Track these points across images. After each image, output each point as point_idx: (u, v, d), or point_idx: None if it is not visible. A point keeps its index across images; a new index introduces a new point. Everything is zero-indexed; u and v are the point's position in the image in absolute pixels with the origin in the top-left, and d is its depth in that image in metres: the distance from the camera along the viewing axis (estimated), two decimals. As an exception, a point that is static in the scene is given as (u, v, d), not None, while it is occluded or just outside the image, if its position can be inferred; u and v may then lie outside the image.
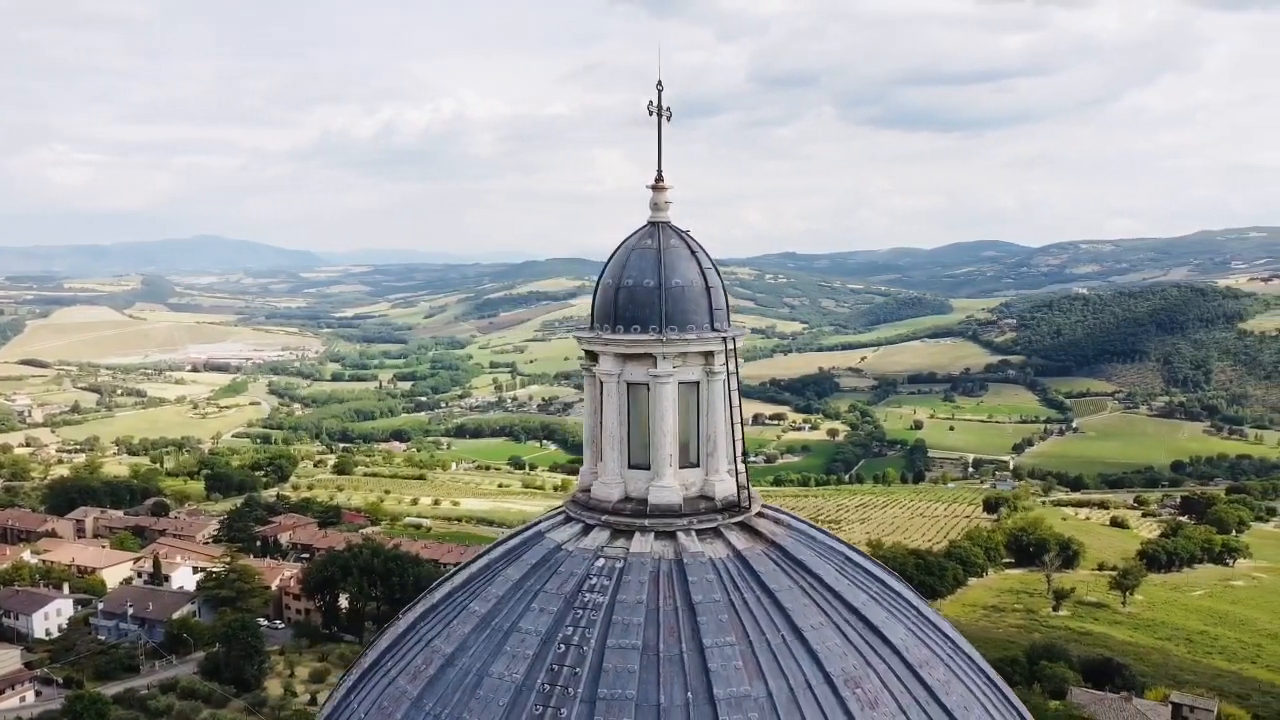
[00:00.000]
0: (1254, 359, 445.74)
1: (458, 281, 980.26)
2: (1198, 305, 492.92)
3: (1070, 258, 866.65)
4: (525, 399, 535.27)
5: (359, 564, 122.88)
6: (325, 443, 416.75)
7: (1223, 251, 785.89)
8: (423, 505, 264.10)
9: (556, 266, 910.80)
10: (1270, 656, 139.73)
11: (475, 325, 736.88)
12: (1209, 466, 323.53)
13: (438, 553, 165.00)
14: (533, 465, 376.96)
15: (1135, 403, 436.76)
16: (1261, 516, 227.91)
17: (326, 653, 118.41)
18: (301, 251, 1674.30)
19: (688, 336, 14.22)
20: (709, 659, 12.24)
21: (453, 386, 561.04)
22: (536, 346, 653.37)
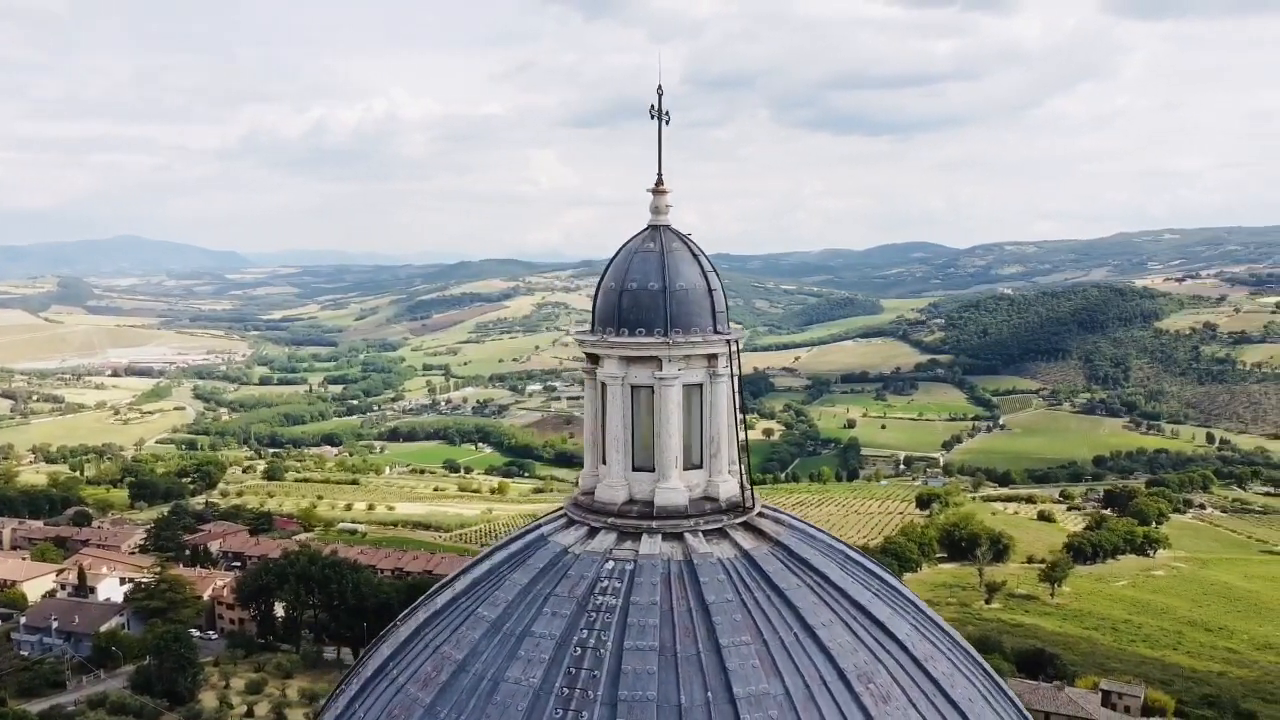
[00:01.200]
0: (1169, 357, 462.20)
1: (389, 283, 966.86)
2: (1117, 305, 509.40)
3: (996, 259, 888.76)
4: (460, 401, 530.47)
5: (296, 571, 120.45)
6: (254, 448, 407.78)
7: (1140, 253, 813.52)
8: (357, 510, 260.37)
9: (490, 267, 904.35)
10: (1190, 643, 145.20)
11: (407, 327, 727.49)
12: (1129, 461, 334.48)
13: (375, 558, 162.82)
14: (468, 468, 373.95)
15: (1059, 400, 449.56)
16: (1179, 508, 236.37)
17: (263, 663, 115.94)
18: (227, 252, 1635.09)
19: (693, 339, 14.32)
20: (726, 658, 12.37)
21: (385, 389, 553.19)
22: (470, 348, 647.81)
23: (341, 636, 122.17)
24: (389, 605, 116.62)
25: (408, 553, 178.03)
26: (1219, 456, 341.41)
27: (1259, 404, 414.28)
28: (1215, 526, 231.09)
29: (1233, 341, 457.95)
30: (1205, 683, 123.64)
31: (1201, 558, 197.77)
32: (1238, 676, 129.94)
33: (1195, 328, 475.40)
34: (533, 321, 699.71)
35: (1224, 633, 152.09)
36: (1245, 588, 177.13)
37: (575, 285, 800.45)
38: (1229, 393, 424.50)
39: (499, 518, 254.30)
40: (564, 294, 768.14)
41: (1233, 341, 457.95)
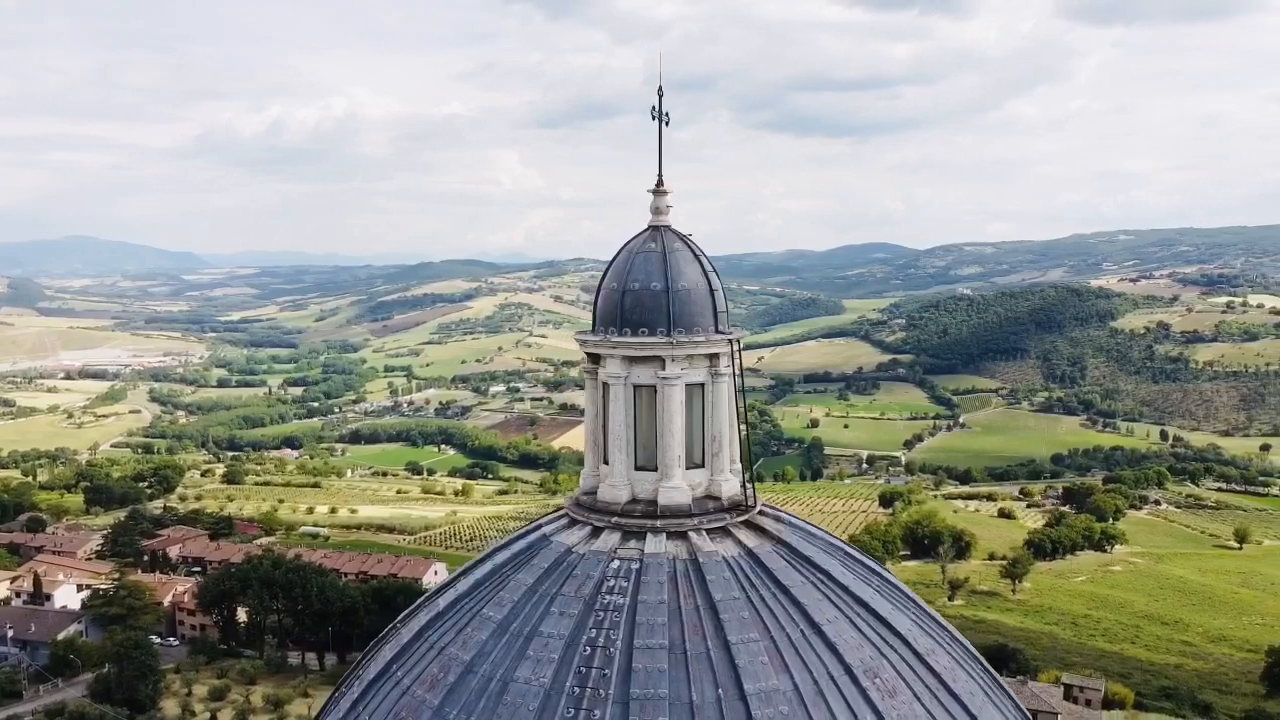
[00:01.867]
0: (1124, 356, 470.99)
1: (349, 283, 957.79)
2: (1073, 305, 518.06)
3: (955, 259, 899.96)
4: (422, 403, 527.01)
5: (259, 576, 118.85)
6: (212, 451, 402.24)
7: (1095, 254, 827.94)
8: (319, 514, 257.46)
9: (452, 268, 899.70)
10: (1148, 637, 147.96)
11: (368, 328, 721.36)
12: (1086, 458, 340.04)
13: (338, 562, 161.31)
14: (431, 470, 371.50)
15: (1017, 398, 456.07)
16: (1135, 505, 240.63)
17: (226, 669, 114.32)
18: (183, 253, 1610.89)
19: (696, 339, 14.40)
20: (736, 655, 12.46)
21: (346, 391, 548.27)
22: (433, 349, 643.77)
23: (306, 641, 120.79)
24: (355, 609, 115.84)
25: (372, 556, 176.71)
26: (1173, 453, 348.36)
27: (1210, 402, 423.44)
28: (1170, 522, 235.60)
29: (1185, 341, 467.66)
30: (1163, 675, 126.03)
31: (1157, 553, 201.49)
32: (1193, 669, 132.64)
33: (1149, 327, 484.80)
34: (495, 322, 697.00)
35: (1179, 626, 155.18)
36: (1199, 582, 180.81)
37: (538, 286, 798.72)
38: (1182, 391, 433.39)
39: (463, 520, 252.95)
40: (527, 295, 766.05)
41: (1185, 341, 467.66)
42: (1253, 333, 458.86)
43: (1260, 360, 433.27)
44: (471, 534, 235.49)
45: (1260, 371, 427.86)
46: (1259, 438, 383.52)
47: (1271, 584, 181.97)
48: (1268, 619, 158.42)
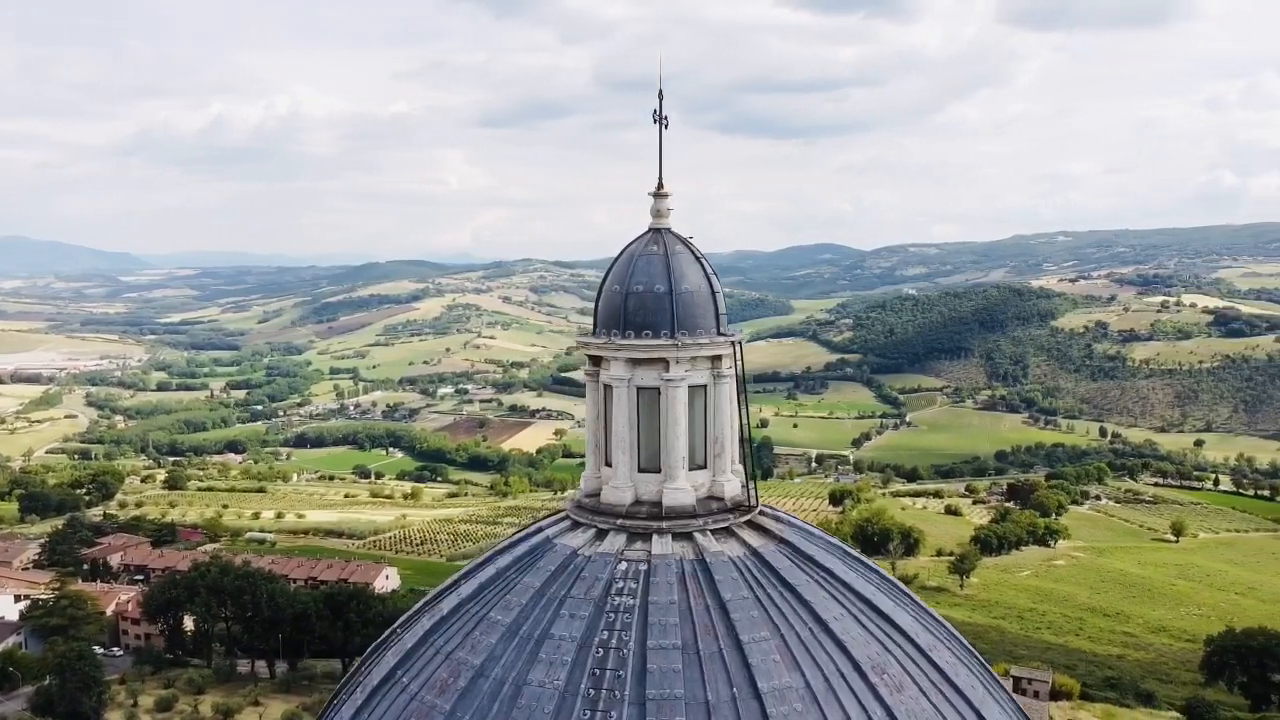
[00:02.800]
0: (1064, 354, 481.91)
1: (293, 285, 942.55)
2: (1015, 305, 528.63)
3: (900, 260, 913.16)
4: (369, 405, 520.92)
5: (207, 583, 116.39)
6: (153, 456, 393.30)
7: (1035, 254, 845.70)
8: (265, 519, 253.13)
9: (399, 269, 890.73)
10: (1091, 629, 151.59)
11: (313, 330, 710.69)
12: (1029, 455, 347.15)
13: (287, 568, 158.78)
14: (379, 474, 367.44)
15: (961, 397, 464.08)
16: (1077, 500, 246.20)
17: (173, 679, 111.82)
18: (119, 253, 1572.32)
19: (700, 341, 14.50)
20: (748, 654, 12.58)
21: (291, 394, 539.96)
22: (379, 351, 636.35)
23: (256, 649, 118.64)
24: (306, 616, 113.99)
25: (321, 561, 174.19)
26: (1111, 449, 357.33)
27: (1147, 399, 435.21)
28: (1110, 517, 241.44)
29: (1122, 339, 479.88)
30: (1106, 666, 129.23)
31: (1098, 547, 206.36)
32: (1135, 659, 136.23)
33: (1088, 326, 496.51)
34: (443, 323, 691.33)
35: (1121, 618, 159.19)
36: (1139, 574, 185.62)
37: (486, 287, 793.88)
38: (1119, 389, 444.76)
39: (413, 523, 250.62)
40: (475, 295, 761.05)
41: (1122, 339, 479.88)
42: (1186, 331, 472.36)
43: (1193, 358, 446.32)
44: (422, 537, 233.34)
45: (1193, 369, 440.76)
46: (1192, 433, 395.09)
47: (1207, 576, 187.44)
48: (1204, 610, 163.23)
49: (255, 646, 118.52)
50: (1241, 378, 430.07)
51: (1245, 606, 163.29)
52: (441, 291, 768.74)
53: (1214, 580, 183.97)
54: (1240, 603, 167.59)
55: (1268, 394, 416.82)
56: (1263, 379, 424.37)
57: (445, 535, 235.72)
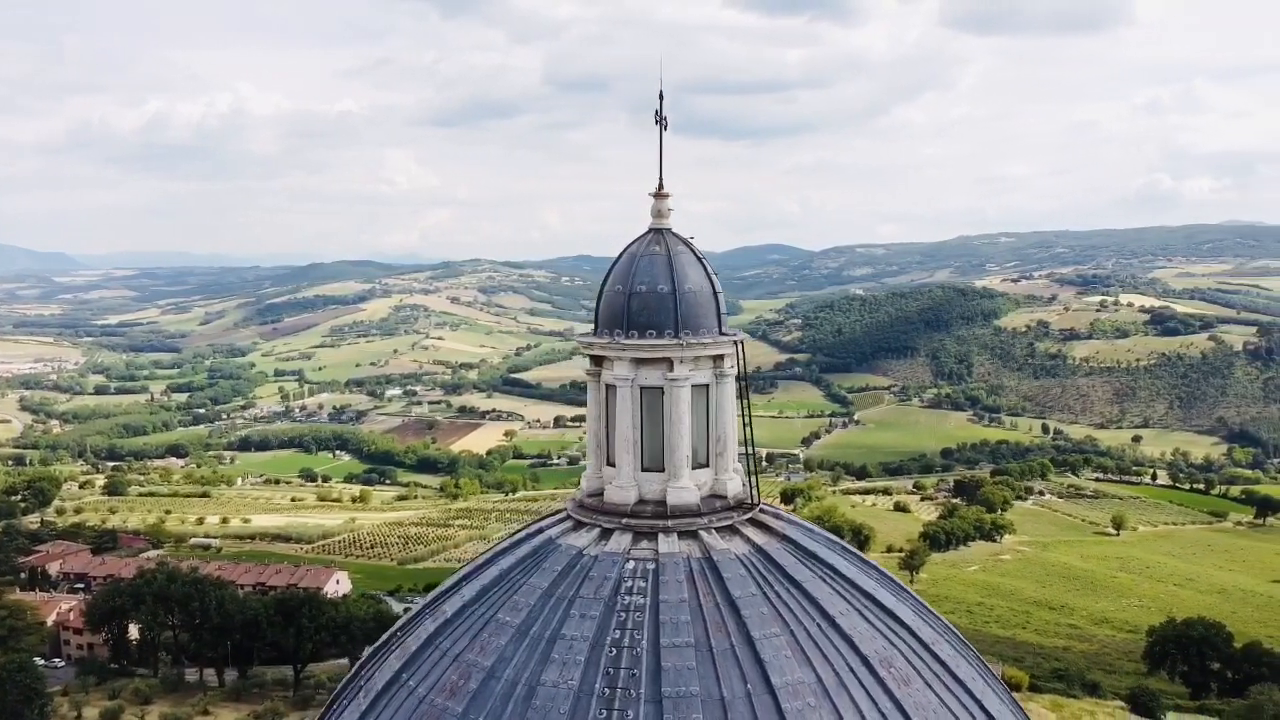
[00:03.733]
0: (1008, 353, 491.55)
1: (236, 285, 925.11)
2: (959, 305, 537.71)
3: (847, 261, 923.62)
4: (315, 408, 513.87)
5: (153, 591, 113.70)
6: (91, 462, 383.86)
7: (979, 255, 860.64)
8: (209, 524, 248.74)
9: (345, 269, 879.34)
10: (1038, 622, 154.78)
11: (257, 331, 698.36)
12: (974, 452, 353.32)
13: (233, 573, 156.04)
14: (326, 477, 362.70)
15: (908, 395, 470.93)
16: (1021, 496, 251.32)
17: (118, 689, 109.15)
18: (54, 254, 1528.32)
19: (704, 340, 14.60)
20: (760, 650, 12.69)
21: (234, 397, 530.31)
22: (325, 353, 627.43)
23: (204, 657, 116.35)
24: (257, 622, 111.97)
25: (270, 566, 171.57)
26: (1054, 446, 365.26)
27: (1087, 396, 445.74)
28: (1053, 511, 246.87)
29: (1063, 338, 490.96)
30: (1053, 658, 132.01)
31: (1043, 541, 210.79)
32: (1081, 650, 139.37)
33: (1030, 325, 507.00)
34: (390, 324, 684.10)
35: (1066, 610, 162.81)
36: (1082, 567, 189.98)
37: (434, 287, 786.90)
38: (1060, 386, 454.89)
39: (363, 527, 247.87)
40: (422, 296, 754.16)
41: (1063, 338, 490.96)
42: (1124, 330, 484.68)
43: (1131, 356, 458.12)
44: (372, 541, 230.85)
45: (1131, 367, 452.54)
46: (1130, 429, 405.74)
47: (1147, 568, 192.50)
48: (1144, 601, 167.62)
49: (204, 654, 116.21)
50: (1177, 375, 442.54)
51: (1183, 597, 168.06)
52: (389, 292, 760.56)
53: (1153, 572, 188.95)
54: (1179, 594, 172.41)
55: (1201, 391, 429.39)
56: (1197, 376, 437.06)
57: (396, 538, 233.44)
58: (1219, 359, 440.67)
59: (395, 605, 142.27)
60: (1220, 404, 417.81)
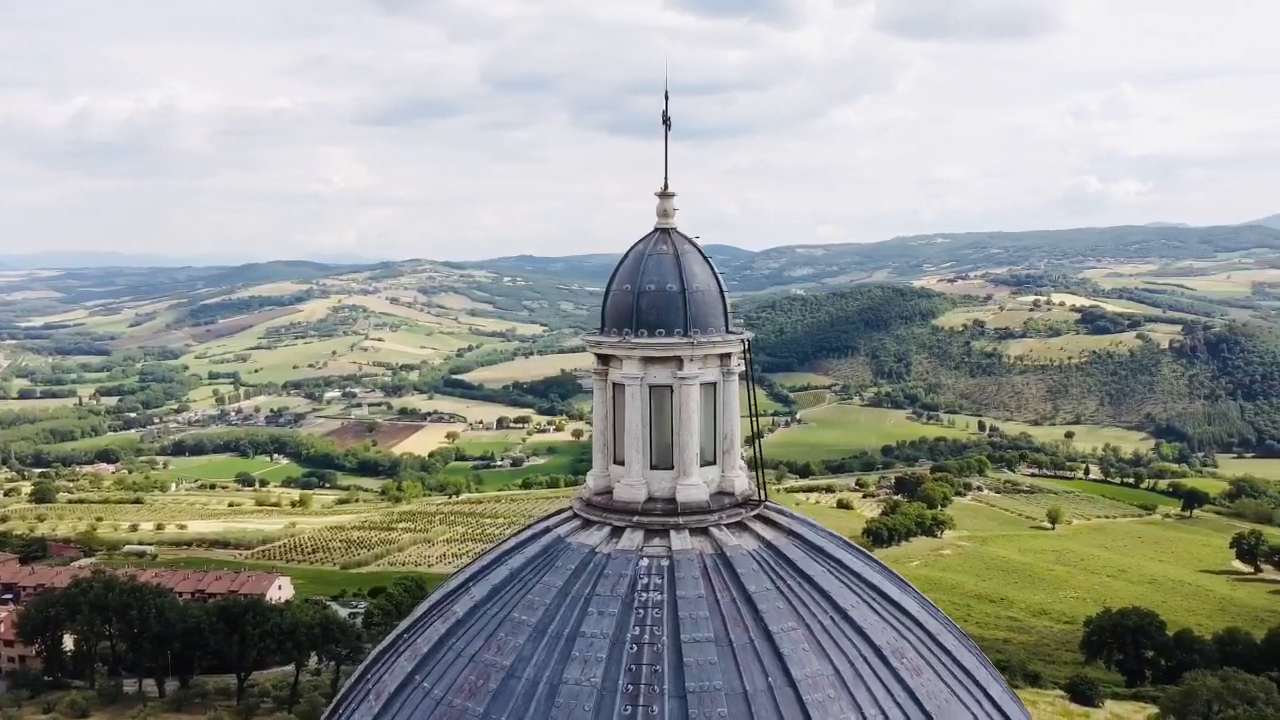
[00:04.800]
0: (944, 352, 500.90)
1: (168, 286, 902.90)
2: (898, 304, 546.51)
3: (788, 261, 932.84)
4: (251, 411, 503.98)
5: (90, 600, 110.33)
6: (16, 468, 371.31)
7: (916, 256, 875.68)
8: (144, 531, 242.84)
9: (280, 269, 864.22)
10: (978, 615, 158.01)
11: (190, 333, 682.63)
12: (913, 449, 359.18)
13: (171, 581, 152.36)
14: (264, 481, 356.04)
15: (849, 394, 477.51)
16: (960, 491, 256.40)
17: (53, 702, 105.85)
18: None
19: (713, 339, 14.73)
20: (779, 644, 12.86)
21: (167, 400, 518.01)
22: (261, 354, 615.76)
23: (144, 667, 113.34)
24: (199, 630, 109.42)
25: (209, 573, 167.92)
26: (990, 442, 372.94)
27: (1021, 394, 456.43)
28: (991, 506, 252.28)
29: (998, 337, 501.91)
30: (994, 649, 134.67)
31: (981, 536, 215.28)
32: (1021, 642, 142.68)
33: (966, 325, 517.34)
34: (329, 325, 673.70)
35: (1005, 603, 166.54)
36: (1020, 561, 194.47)
37: (373, 288, 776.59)
38: (996, 384, 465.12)
39: (304, 531, 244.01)
40: (361, 297, 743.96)
41: (998, 337, 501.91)
42: (1056, 329, 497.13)
43: (1063, 355, 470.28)
44: (314, 545, 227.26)
45: (1063, 365, 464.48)
46: (1063, 425, 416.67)
47: (1081, 560, 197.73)
48: (1080, 592, 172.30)
49: (143, 664, 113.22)
50: (1106, 372, 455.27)
51: (1116, 588, 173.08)
52: (326, 293, 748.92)
53: (1088, 564, 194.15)
54: (1112, 585, 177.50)
55: (1130, 388, 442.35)
56: (1125, 373, 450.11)
57: (338, 542, 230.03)
58: (1146, 357, 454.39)
59: (340, 610, 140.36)
60: (1148, 400, 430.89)
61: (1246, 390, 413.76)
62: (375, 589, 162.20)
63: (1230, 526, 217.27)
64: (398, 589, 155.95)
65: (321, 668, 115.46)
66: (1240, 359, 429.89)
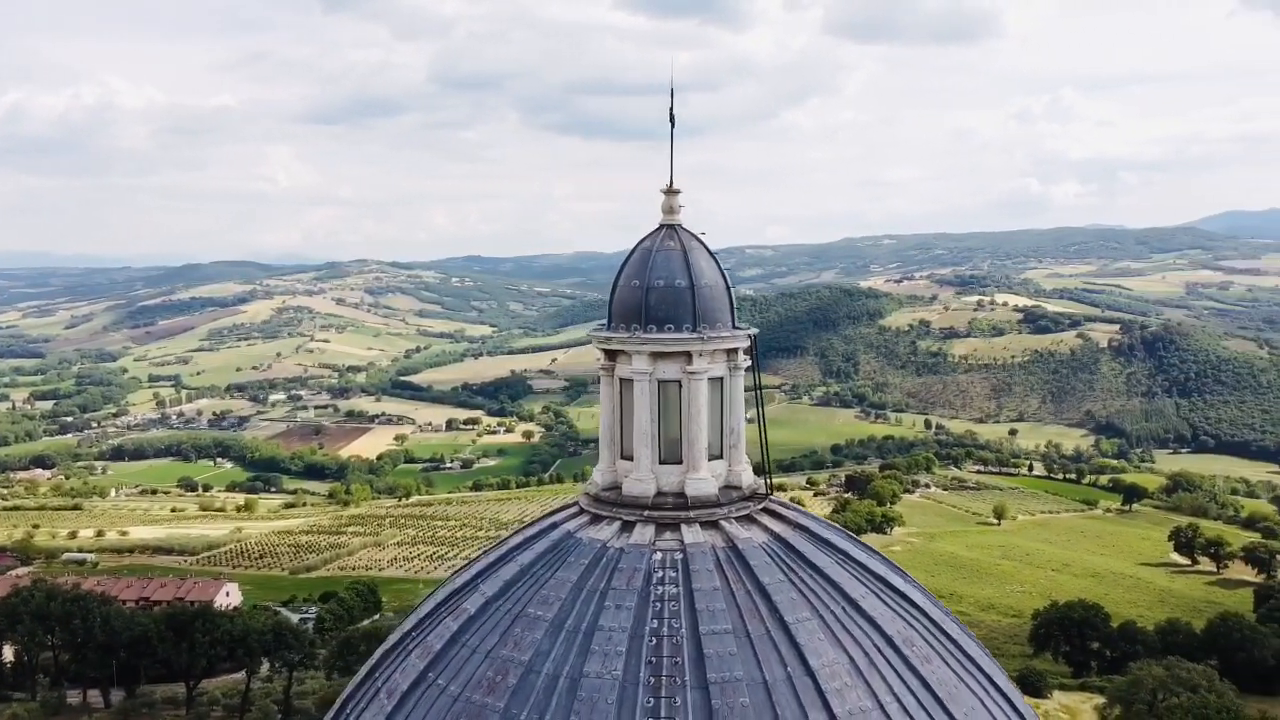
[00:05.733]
0: (892, 351, 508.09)
1: (105, 287, 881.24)
2: (846, 305, 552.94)
3: (738, 262, 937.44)
4: (193, 414, 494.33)
5: (31, 610, 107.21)
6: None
7: (863, 256, 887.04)
8: (84, 538, 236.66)
9: (223, 270, 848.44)
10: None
11: (129, 335, 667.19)
12: (862, 447, 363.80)
13: (114, 589, 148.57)
14: (207, 486, 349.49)
15: (798, 393, 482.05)
16: (909, 489, 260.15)
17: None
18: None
19: (722, 334, 14.86)
20: (795, 634, 13.03)
21: (105, 404, 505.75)
22: (204, 357, 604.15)
23: (88, 678, 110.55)
24: (146, 638, 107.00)
25: (154, 580, 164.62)
26: (936, 440, 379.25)
27: (966, 392, 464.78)
28: (939, 503, 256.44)
29: (943, 337, 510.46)
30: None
31: (930, 532, 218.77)
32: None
33: (912, 324, 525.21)
34: (273, 327, 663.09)
35: (954, 598, 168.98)
36: (968, 556, 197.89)
37: (318, 288, 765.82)
38: (942, 383, 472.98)
39: (250, 536, 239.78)
40: (306, 297, 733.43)
41: (943, 337, 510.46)
42: (999, 329, 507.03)
43: (1006, 354, 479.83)
44: (261, 551, 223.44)
45: (1006, 364, 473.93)
46: (1007, 423, 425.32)
47: (1027, 555, 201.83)
48: (1026, 587, 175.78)
49: (87, 675, 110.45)
50: (1048, 371, 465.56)
51: (1061, 582, 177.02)
52: (270, 294, 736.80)
53: (1033, 559, 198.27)
54: (1057, 578, 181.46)
55: (1071, 386, 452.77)
56: (1066, 371, 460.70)
57: (286, 547, 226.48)
58: (1086, 355, 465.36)
59: (291, 616, 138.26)
60: (1088, 398, 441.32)
61: (1181, 387, 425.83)
62: (326, 594, 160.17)
63: (1168, 520, 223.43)
64: (350, 593, 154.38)
65: (274, 674, 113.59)
66: (1175, 357, 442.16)
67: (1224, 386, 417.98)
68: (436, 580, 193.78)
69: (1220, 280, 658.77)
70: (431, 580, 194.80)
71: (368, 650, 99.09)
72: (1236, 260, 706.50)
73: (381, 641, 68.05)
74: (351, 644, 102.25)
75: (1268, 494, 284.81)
